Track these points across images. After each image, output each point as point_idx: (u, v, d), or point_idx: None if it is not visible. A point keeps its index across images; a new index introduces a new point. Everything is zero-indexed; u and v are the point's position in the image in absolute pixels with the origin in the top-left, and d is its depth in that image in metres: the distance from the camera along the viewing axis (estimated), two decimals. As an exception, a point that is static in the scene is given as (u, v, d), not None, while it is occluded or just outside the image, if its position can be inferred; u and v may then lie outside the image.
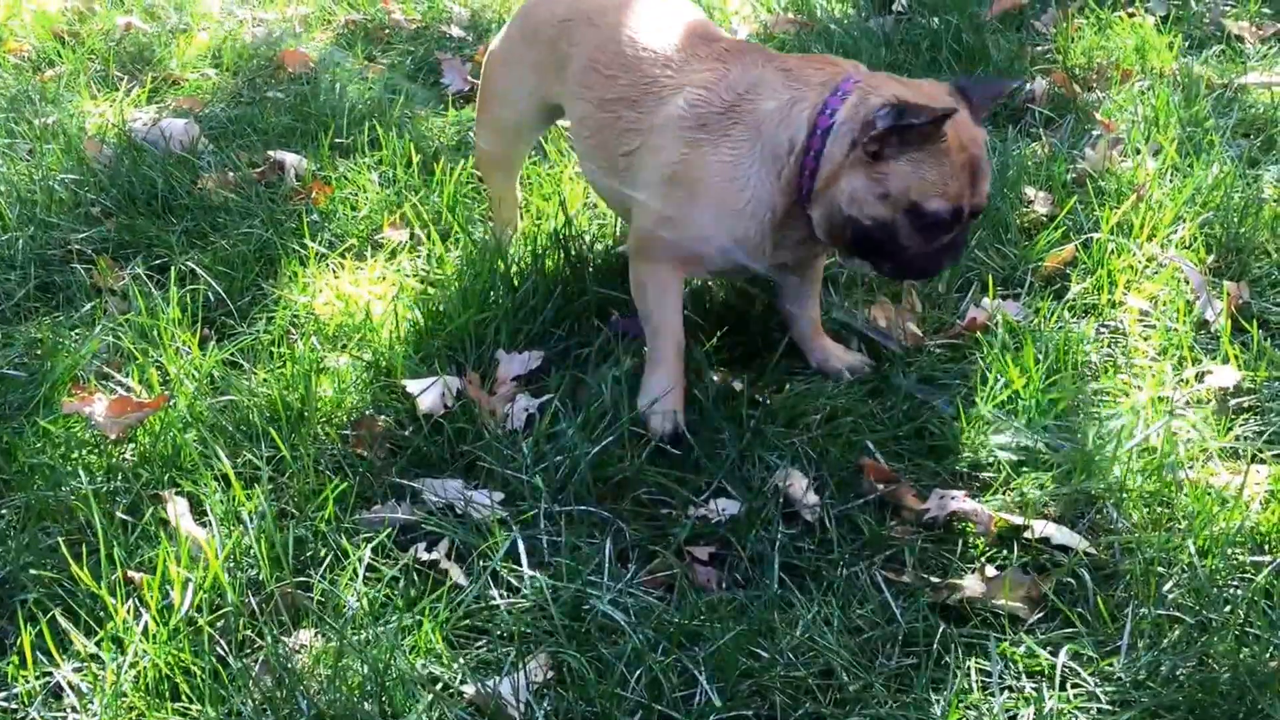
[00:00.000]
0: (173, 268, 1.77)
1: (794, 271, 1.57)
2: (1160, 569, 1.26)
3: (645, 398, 1.48)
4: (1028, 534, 1.33)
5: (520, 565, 1.27)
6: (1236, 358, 1.61)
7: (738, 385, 1.54)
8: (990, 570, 1.28)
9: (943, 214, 1.39)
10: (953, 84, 1.47)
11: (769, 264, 1.51)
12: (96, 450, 1.43)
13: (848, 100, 1.40)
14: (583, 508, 1.35)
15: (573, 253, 1.75)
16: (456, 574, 1.28)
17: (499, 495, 1.38)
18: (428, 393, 1.50)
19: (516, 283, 1.69)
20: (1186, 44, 2.57)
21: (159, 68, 2.62)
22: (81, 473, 1.36)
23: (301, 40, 2.79)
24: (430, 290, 1.74)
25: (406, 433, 1.48)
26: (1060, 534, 1.33)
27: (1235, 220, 1.88)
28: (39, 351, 1.59)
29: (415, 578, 1.27)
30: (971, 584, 1.26)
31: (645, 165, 1.50)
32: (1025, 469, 1.42)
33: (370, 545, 1.27)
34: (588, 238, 1.84)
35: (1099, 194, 1.96)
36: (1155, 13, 2.73)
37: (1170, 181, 1.99)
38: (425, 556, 1.29)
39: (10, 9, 2.92)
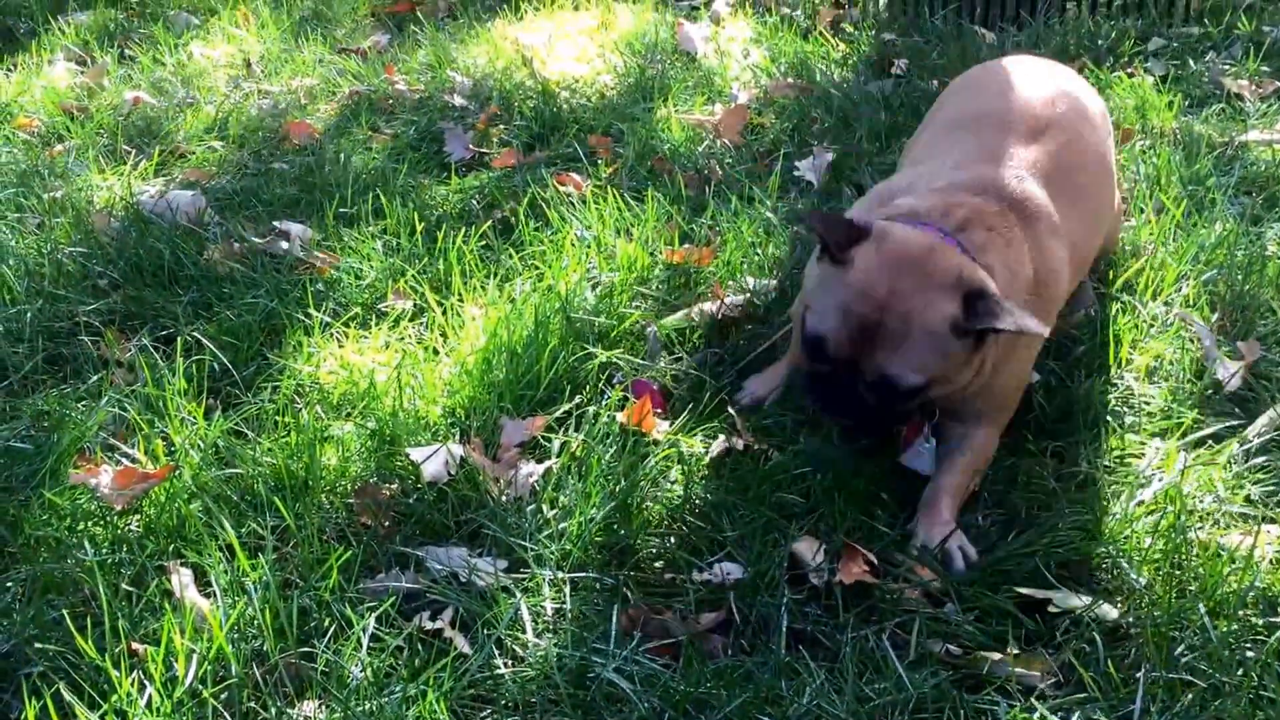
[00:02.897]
0: (179, 338, 1.87)
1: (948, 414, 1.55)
2: (1172, 632, 1.30)
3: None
4: (1051, 608, 1.36)
5: (525, 633, 1.32)
6: (1248, 415, 1.67)
7: (740, 443, 1.62)
8: (1013, 647, 1.31)
9: (811, 335, 1.44)
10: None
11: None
12: (102, 522, 1.50)
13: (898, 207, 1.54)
14: (587, 574, 1.41)
15: (575, 317, 1.86)
16: (461, 643, 1.32)
17: (503, 563, 1.44)
18: (431, 460, 1.58)
19: (520, 349, 1.78)
20: (1186, 103, 2.69)
21: (166, 141, 2.76)
22: (87, 544, 1.42)
23: (306, 112, 2.95)
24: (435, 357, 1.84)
25: (410, 500, 1.54)
26: (1075, 600, 1.36)
27: (1239, 278, 1.96)
28: (46, 424, 1.68)
29: (419, 647, 1.31)
30: (994, 658, 1.29)
31: None
32: (1044, 539, 1.45)
33: (374, 614, 1.32)
34: (591, 301, 1.95)
35: (1103, 253, 2.06)
36: (1154, 72, 2.87)
37: (1174, 240, 2.08)
38: (429, 625, 1.34)
39: (21, 86, 3.12)
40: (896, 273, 1.41)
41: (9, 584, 1.39)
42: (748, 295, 1.98)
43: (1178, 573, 1.41)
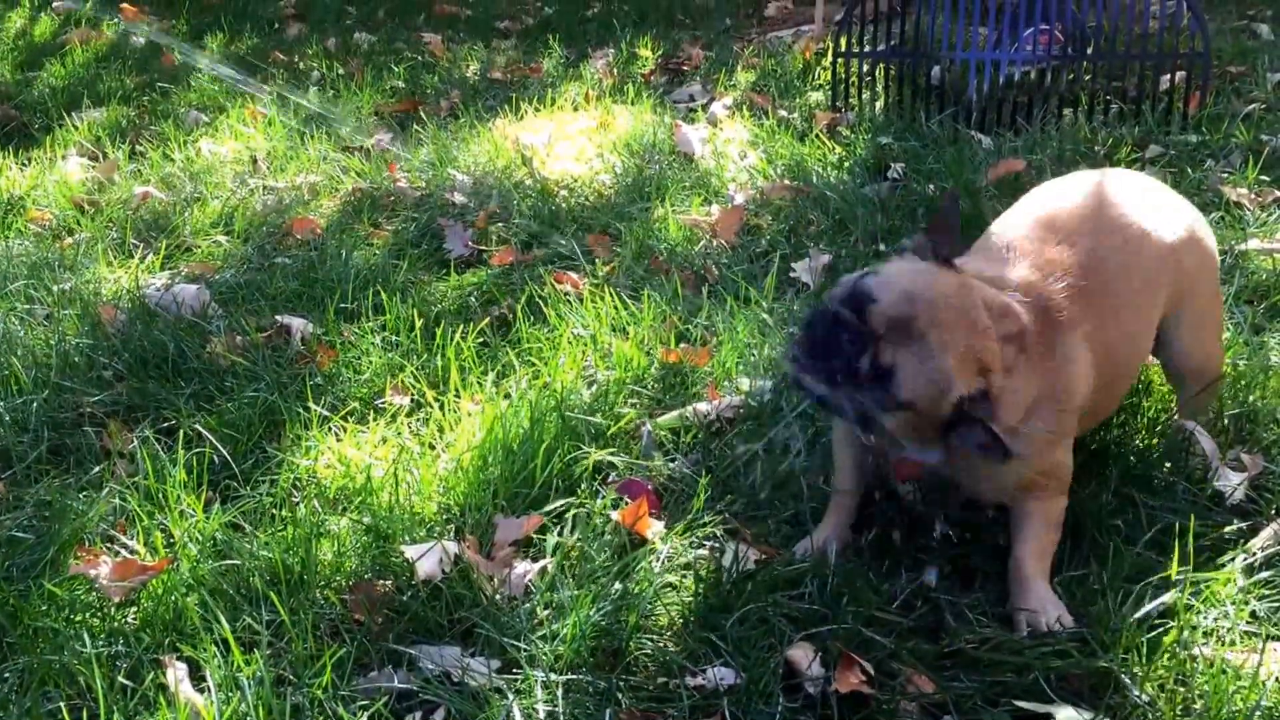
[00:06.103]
0: (180, 430, 2.00)
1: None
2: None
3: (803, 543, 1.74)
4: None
5: (516, 735, 1.40)
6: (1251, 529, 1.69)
7: (731, 550, 1.72)
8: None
9: (861, 290, 1.53)
10: None
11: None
12: (100, 613, 1.59)
13: None
14: (580, 676, 1.48)
15: (570, 416, 1.99)
16: (452, 743, 1.41)
17: (496, 663, 1.50)
18: (426, 558, 1.67)
19: (516, 447, 1.92)
20: (1183, 211, 2.87)
21: (173, 235, 2.95)
22: (85, 636, 1.51)
23: (310, 208, 3.14)
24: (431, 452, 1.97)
25: (405, 598, 1.63)
26: (1075, 716, 1.39)
27: (1242, 387, 2.02)
28: (48, 514, 1.79)
29: (410, 747, 1.39)
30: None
31: None
32: (1043, 651, 1.49)
33: (366, 714, 1.39)
34: (586, 399, 2.09)
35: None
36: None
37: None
38: (421, 726, 1.42)
39: (34, 179, 3.37)
40: (964, 306, 1.52)
41: (6, 674, 1.48)
42: (744, 396, 2.11)
43: (1182, 690, 1.44)
